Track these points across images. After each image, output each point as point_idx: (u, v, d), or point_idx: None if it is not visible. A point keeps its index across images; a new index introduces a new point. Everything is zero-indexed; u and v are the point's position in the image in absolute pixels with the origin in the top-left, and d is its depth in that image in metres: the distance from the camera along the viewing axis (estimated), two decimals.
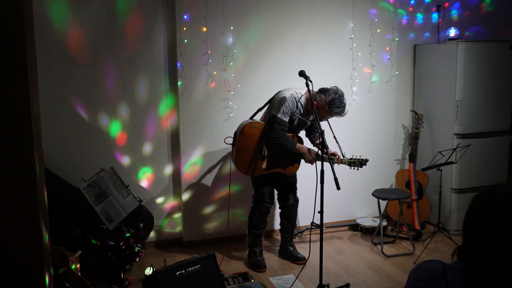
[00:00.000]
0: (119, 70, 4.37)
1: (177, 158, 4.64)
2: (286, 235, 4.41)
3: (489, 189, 1.45)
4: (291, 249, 4.41)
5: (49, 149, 3.97)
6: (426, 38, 5.35)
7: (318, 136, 4.09)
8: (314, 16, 4.77)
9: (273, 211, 4.79)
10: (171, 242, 4.73)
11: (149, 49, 4.43)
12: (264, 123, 4.04)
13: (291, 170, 4.15)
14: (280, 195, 4.34)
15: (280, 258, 4.44)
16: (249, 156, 4.03)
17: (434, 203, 4.94)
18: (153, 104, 4.52)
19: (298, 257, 4.34)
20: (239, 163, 4.06)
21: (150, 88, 4.49)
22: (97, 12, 4.25)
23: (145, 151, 4.56)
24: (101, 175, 3.71)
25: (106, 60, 4.33)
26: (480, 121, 4.92)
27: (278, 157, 4.03)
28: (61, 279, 3.14)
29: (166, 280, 3.22)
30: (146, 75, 4.46)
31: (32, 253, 2.08)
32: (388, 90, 5.16)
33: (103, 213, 3.47)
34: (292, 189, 4.31)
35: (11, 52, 1.96)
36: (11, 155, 2.00)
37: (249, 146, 4.03)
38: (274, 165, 4.07)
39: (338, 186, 3.27)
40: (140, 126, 4.51)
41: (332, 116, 3.94)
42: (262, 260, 4.26)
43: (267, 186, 4.19)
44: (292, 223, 4.39)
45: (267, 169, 4.06)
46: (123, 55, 4.37)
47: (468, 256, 1.42)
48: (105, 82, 4.35)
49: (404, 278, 3.98)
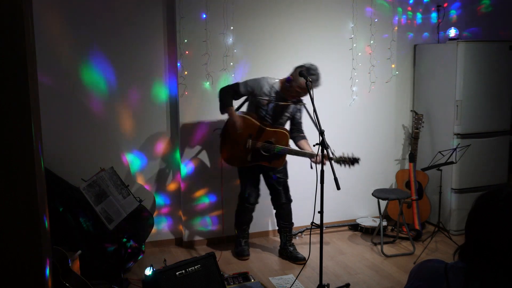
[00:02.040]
0: (119, 70, 4.37)
1: (177, 158, 4.64)
2: (285, 235, 4.42)
3: (493, 189, 1.45)
4: (291, 249, 4.41)
5: (49, 149, 3.96)
6: (426, 38, 5.35)
7: (301, 137, 4.20)
8: (314, 16, 4.77)
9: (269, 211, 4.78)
10: (171, 242, 4.73)
11: (149, 49, 4.43)
12: (251, 117, 4.09)
13: (277, 164, 4.17)
14: (273, 196, 4.38)
15: (280, 258, 4.44)
16: (235, 147, 4.13)
17: (434, 203, 4.94)
18: (153, 104, 4.52)
19: (298, 257, 4.34)
20: (226, 155, 4.21)
21: (150, 88, 4.49)
22: (97, 12, 4.25)
23: (145, 151, 4.56)
24: (101, 175, 3.71)
25: (106, 60, 4.33)
26: (480, 121, 4.92)
27: (262, 151, 4.08)
28: (61, 279, 3.14)
29: (166, 280, 3.22)
30: (146, 75, 4.46)
31: (32, 253, 2.08)
32: (388, 90, 5.16)
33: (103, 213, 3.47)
34: (283, 188, 4.33)
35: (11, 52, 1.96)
36: (11, 155, 2.00)
37: (235, 138, 4.11)
38: (259, 158, 4.12)
39: (338, 186, 3.27)
40: (140, 126, 4.51)
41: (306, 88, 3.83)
42: (246, 249, 4.42)
43: (254, 187, 4.30)
44: (289, 221, 4.41)
45: (252, 161, 4.13)
46: (123, 55, 4.36)
47: (469, 255, 1.42)
48: (105, 82, 4.35)
49: (404, 278, 3.97)
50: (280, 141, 4.07)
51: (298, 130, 4.25)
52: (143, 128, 4.52)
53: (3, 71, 1.96)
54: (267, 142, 4.07)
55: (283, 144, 4.06)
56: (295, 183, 4.83)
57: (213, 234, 4.76)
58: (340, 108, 5.00)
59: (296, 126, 4.25)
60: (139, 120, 4.50)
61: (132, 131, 4.49)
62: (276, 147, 4.04)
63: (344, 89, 5.00)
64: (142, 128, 4.52)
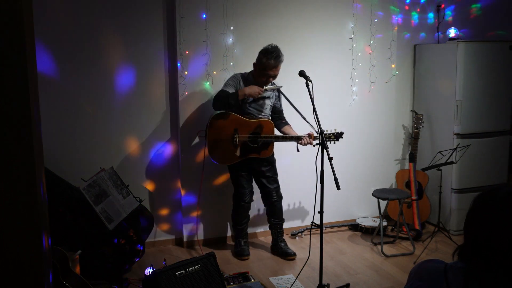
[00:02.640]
0: (119, 70, 4.37)
1: (177, 158, 4.64)
2: (276, 231, 4.46)
3: (491, 189, 1.45)
4: (282, 245, 4.45)
5: (49, 149, 3.97)
6: (426, 38, 5.35)
7: (284, 124, 4.32)
8: (314, 16, 4.77)
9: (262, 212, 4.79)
10: (171, 242, 4.74)
11: (149, 49, 4.43)
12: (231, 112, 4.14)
13: (266, 154, 4.22)
14: (263, 195, 4.41)
15: (272, 254, 4.47)
16: (223, 146, 4.16)
17: (434, 203, 4.94)
18: (153, 104, 4.52)
19: (288, 253, 4.38)
20: (214, 155, 4.22)
21: (150, 88, 4.49)
22: (97, 12, 4.25)
23: (145, 151, 4.56)
24: (101, 175, 3.71)
25: (106, 60, 4.33)
26: (480, 121, 4.92)
27: (249, 143, 4.12)
28: (61, 279, 3.14)
29: (166, 280, 3.22)
30: (146, 76, 4.46)
31: (32, 253, 2.08)
32: (388, 90, 5.16)
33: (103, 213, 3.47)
34: (273, 188, 4.35)
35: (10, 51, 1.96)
36: (11, 155, 2.00)
37: (221, 136, 4.14)
38: (247, 151, 4.16)
39: (338, 186, 3.28)
40: (140, 126, 4.51)
41: (271, 67, 4.02)
42: (246, 249, 4.43)
43: (246, 185, 4.34)
44: (280, 218, 4.45)
45: (241, 156, 4.16)
46: (123, 55, 4.36)
47: (468, 255, 1.42)
48: (105, 82, 4.35)
49: (404, 278, 3.97)
50: (266, 130, 4.15)
51: (280, 117, 4.36)
52: (143, 128, 4.52)
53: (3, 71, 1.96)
54: (253, 133, 4.13)
55: (269, 133, 4.15)
56: (295, 183, 4.84)
57: (213, 234, 4.76)
58: (340, 108, 5.00)
59: (278, 114, 4.35)
60: (139, 120, 4.50)
61: (132, 131, 4.49)
62: (262, 137, 4.11)
63: (344, 89, 5.00)
64: (142, 128, 4.52)
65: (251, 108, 4.19)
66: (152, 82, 4.49)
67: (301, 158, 4.48)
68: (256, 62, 4.10)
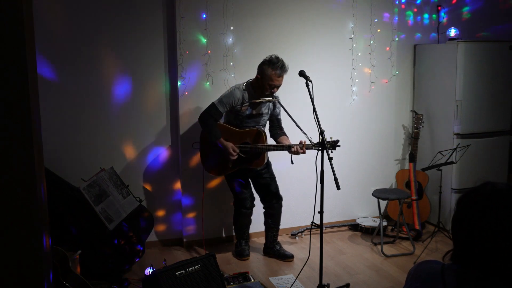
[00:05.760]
0: (119, 70, 4.37)
1: (177, 158, 4.64)
2: (272, 234, 4.43)
3: (472, 189, 1.40)
4: (278, 248, 4.43)
5: (49, 149, 3.97)
6: (426, 38, 5.35)
7: (280, 134, 4.22)
8: (314, 16, 4.77)
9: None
10: (171, 242, 4.74)
11: (149, 49, 4.43)
12: (222, 123, 4.13)
13: (258, 164, 4.16)
14: (262, 198, 4.37)
15: (265, 256, 4.45)
16: (215, 158, 4.14)
17: (434, 203, 4.94)
18: (153, 104, 4.52)
19: (286, 255, 4.36)
20: (208, 166, 4.23)
21: (150, 88, 4.49)
22: (97, 12, 4.25)
23: (145, 151, 4.56)
24: (101, 175, 3.71)
25: (106, 60, 4.33)
26: (480, 121, 4.92)
27: (241, 153, 4.06)
28: (61, 279, 3.14)
29: (166, 280, 3.22)
30: (146, 75, 4.46)
31: (32, 253, 2.08)
32: (388, 90, 5.16)
33: (103, 213, 3.47)
34: (272, 189, 4.32)
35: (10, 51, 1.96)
36: (11, 155, 2.00)
37: (213, 148, 4.11)
38: (240, 162, 4.11)
39: (338, 186, 3.28)
40: (140, 126, 4.51)
41: (276, 77, 3.92)
42: (246, 249, 4.42)
43: (245, 190, 4.30)
44: (277, 221, 4.42)
45: (233, 166, 4.13)
46: (123, 55, 4.37)
47: (460, 258, 1.40)
48: (105, 82, 4.35)
49: (404, 278, 3.97)
50: (257, 139, 4.09)
51: (278, 127, 4.28)
52: (143, 128, 4.52)
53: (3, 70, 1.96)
54: (243, 144, 4.09)
55: (259, 142, 4.08)
56: (295, 183, 4.84)
57: (213, 234, 4.76)
58: (340, 108, 5.00)
59: (276, 124, 4.28)
60: (139, 120, 4.50)
61: (132, 131, 4.49)
62: (252, 147, 4.05)
63: (344, 89, 5.00)
64: (142, 128, 4.52)
65: (249, 121, 4.12)
66: (152, 82, 4.49)
67: (301, 158, 4.47)
68: (260, 75, 3.97)
